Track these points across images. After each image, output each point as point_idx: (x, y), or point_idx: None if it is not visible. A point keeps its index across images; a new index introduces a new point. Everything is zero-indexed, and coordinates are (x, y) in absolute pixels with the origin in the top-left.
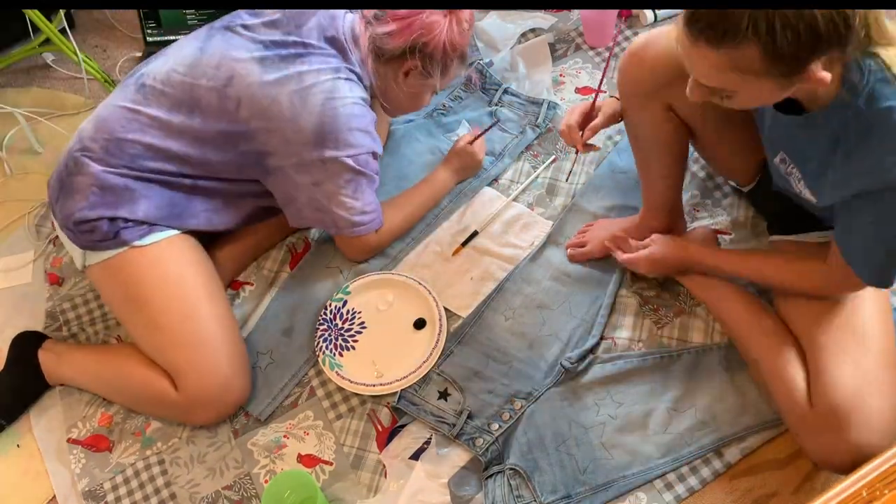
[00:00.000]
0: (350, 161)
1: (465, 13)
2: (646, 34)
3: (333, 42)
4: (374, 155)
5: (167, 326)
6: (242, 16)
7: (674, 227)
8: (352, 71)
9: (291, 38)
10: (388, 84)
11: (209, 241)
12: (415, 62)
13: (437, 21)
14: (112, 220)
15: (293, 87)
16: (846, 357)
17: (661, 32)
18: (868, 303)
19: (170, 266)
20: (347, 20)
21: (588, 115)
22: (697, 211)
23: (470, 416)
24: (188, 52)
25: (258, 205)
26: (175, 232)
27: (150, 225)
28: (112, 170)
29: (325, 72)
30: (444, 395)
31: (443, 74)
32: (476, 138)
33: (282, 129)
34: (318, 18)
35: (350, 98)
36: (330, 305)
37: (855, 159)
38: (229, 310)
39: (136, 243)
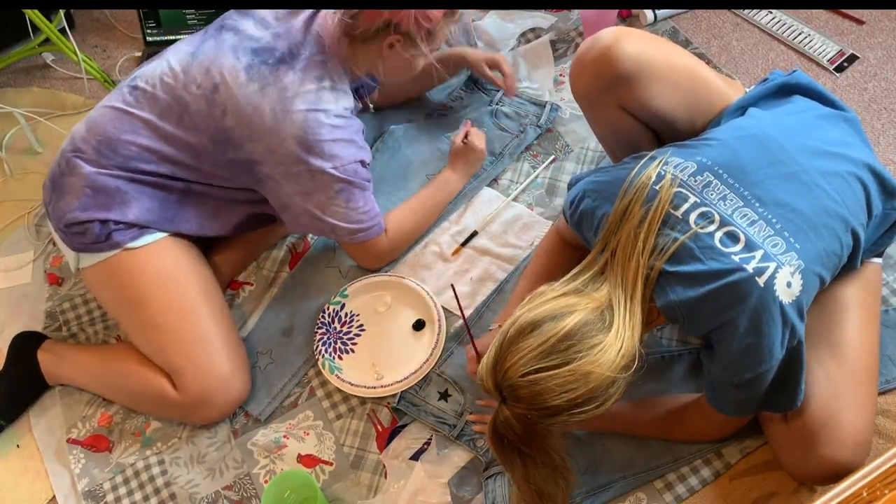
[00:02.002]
0: (336, 172)
1: None
2: (591, 38)
3: (319, 39)
4: (363, 163)
5: (164, 326)
6: (234, 16)
7: None
8: (336, 75)
9: (279, 43)
10: (374, 60)
11: (207, 242)
12: (395, 37)
13: None
14: (103, 222)
15: (276, 97)
16: (820, 370)
17: (604, 35)
18: (852, 318)
19: (164, 267)
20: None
21: None
22: None
23: None
24: (181, 57)
25: (251, 212)
26: (167, 234)
27: (142, 227)
28: (104, 171)
29: (309, 81)
30: (444, 395)
31: (430, 41)
32: (466, 132)
33: (265, 139)
34: (304, 14)
35: (333, 109)
36: (328, 309)
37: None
38: (226, 308)
39: (129, 245)
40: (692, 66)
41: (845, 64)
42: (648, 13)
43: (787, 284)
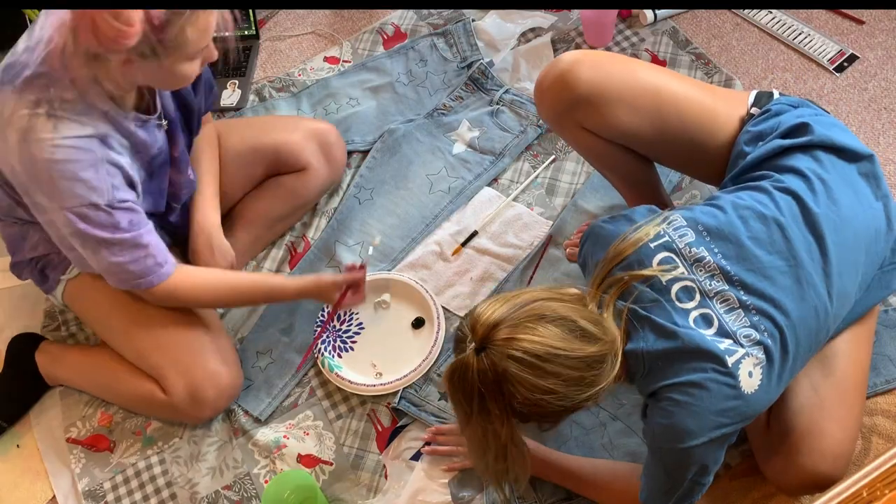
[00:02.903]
0: (70, 215)
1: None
2: (551, 63)
3: (47, 57)
4: (99, 207)
5: (136, 336)
6: None
7: None
8: (61, 100)
9: (24, 57)
10: (120, 78)
11: None
12: (117, 56)
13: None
14: (30, 261)
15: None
16: (806, 381)
17: (562, 59)
18: (845, 331)
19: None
20: (49, 22)
21: None
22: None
23: None
24: None
25: None
26: None
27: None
28: None
29: (22, 105)
30: (444, 395)
31: (173, 48)
32: (347, 286)
33: (2, 165)
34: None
35: (50, 140)
36: (327, 307)
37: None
38: None
39: (64, 277)
40: (655, 83)
41: (845, 64)
42: (648, 13)
43: (749, 374)
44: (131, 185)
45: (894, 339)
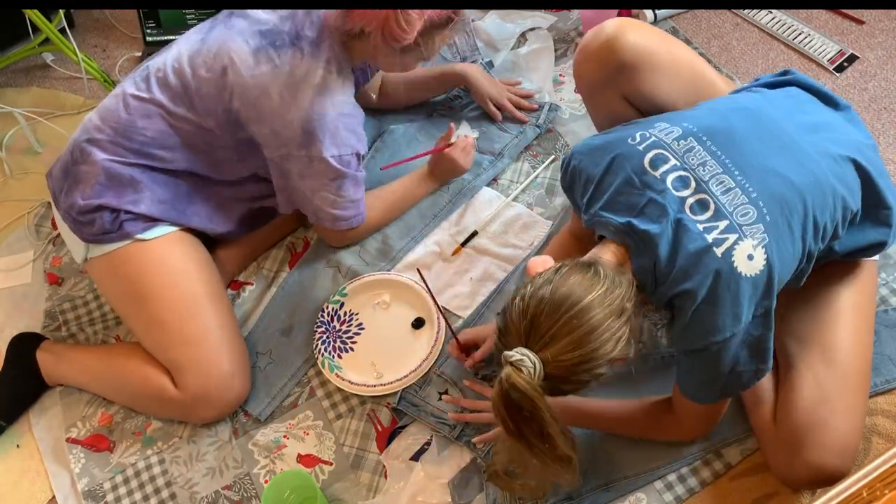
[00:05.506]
0: (334, 161)
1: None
2: (595, 28)
3: (321, 26)
4: (359, 156)
5: (169, 323)
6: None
7: None
8: (341, 59)
9: (286, 25)
10: (367, 55)
11: (210, 240)
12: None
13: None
14: (114, 211)
15: (283, 80)
16: (809, 373)
17: (608, 25)
18: (844, 321)
19: (173, 262)
20: None
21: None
22: None
23: None
24: (191, 44)
25: (256, 206)
26: (177, 228)
27: (153, 220)
28: (118, 159)
29: (317, 64)
30: (443, 396)
31: (419, 48)
32: (447, 144)
33: (270, 121)
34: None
35: (340, 96)
36: (327, 308)
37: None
38: (230, 307)
39: (140, 236)
40: (693, 59)
41: (845, 64)
42: (648, 13)
43: (749, 257)
44: None
45: (894, 339)
